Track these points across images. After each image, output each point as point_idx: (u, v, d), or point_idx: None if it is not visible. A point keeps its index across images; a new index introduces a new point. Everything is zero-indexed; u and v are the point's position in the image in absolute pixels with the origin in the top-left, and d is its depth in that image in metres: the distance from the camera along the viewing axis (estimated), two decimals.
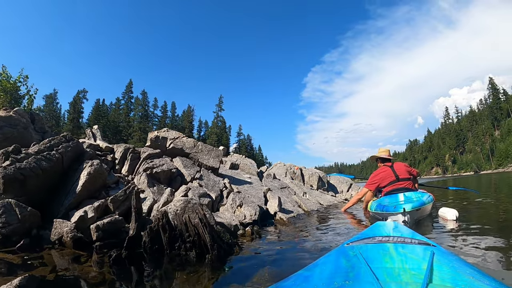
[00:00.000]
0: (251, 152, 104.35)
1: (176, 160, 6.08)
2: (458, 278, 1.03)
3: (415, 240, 1.53)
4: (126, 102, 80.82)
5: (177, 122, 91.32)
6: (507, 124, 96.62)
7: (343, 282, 1.06)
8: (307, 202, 7.12)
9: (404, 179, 5.18)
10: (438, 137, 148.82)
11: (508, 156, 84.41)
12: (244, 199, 4.95)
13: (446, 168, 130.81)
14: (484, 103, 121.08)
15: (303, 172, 9.99)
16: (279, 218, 5.21)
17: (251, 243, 3.59)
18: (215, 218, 3.98)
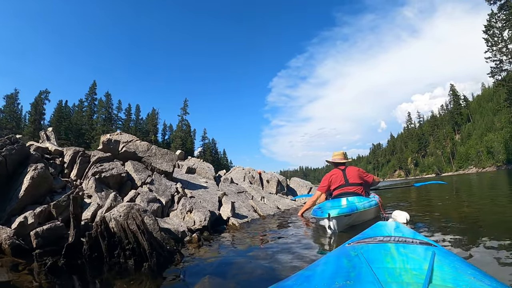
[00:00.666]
0: (216, 156, 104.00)
1: (127, 164, 5.88)
2: (459, 278, 1.03)
3: (416, 240, 1.52)
4: (89, 104, 78.45)
5: (141, 126, 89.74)
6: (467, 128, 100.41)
7: (344, 282, 1.05)
8: (264, 206, 7.07)
9: (354, 183, 5.22)
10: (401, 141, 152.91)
11: (468, 159, 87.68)
12: (195, 204, 4.81)
13: (408, 170, 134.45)
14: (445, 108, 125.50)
15: (262, 176, 9.93)
16: (231, 223, 5.12)
17: (197, 250, 3.47)
18: (159, 224, 3.85)
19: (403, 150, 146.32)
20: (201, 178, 7.82)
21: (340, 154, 5.83)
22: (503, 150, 59.95)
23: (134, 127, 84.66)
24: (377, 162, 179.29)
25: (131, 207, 3.50)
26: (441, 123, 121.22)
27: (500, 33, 49.99)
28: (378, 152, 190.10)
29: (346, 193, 5.12)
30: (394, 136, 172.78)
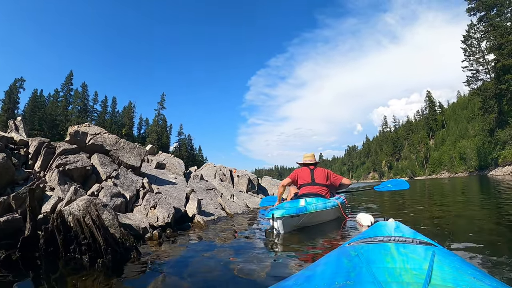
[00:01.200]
0: (191, 152, 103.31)
1: (93, 157, 5.75)
2: (460, 278, 1.02)
3: (417, 240, 1.50)
4: (65, 94, 76.55)
5: (117, 119, 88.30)
6: (441, 134, 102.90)
7: (344, 282, 1.04)
8: (233, 205, 7.05)
9: (320, 184, 5.32)
10: (376, 144, 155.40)
11: (441, 164, 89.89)
12: (159, 200, 4.74)
13: (382, 173, 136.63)
14: (420, 114, 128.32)
15: (233, 174, 9.91)
16: (197, 221, 5.07)
17: (157, 248, 3.41)
18: (121, 220, 3.80)
19: (378, 153, 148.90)
20: (171, 174, 7.73)
21: (310, 156, 5.92)
22: (475, 157, 61.50)
23: (109, 120, 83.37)
24: (352, 164, 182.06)
25: (91, 201, 3.43)
26: (416, 128, 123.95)
27: (478, 43, 51.47)
28: (353, 154, 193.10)
29: (310, 193, 5.15)
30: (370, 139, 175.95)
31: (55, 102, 74.64)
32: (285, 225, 4.04)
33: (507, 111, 45.67)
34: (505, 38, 42.45)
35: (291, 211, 4.14)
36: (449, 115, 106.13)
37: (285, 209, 4.15)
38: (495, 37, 44.22)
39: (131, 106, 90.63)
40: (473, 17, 50.23)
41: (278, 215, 3.97)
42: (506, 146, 43.76)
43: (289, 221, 4.10)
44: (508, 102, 45.40)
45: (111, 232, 3.08)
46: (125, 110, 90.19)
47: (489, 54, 48.01)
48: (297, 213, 4.20)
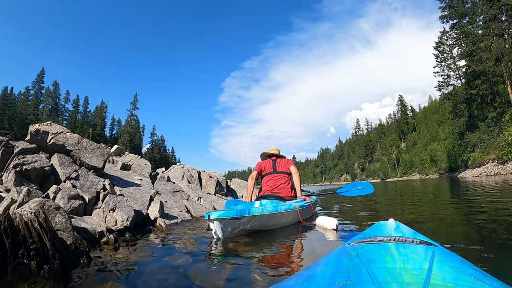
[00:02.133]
0: (164, 154, 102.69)
1: (53, 157, 5.56)
2: (460, 278, 1.02)
3: (417, 240, 1.51)
4: (36, 92, 74.87)
5: (89, 118, 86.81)
6: (412, 137, 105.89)
7: (344, 282, 1.04)
8: (199, 207, 6.96)
9: (281, 172, 5.50)
10: (349, 147, 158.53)
11: (412, 166, 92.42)
12: (119, 203, 4.60)
13: (355, 175, 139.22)
14: (392, 117, 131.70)
15: (201, 176, 9.80)
16: (158, 224, 4.97)
17: (111, 253, 3.29)
18: (77, 223, 3.69)
19: (351, 155, 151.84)
20: (136, 176, 7.58)
21: (275, 149, 6.06)
22: (446, 159, 63.54)
23: (81, 120, 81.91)
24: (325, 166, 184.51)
25: (43, 204, 3.31)
26: (388, 131, 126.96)
27: (450, 50, 53.74)
28: (326, 156, 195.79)
29: (270, 196, 5.19)
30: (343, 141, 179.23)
31: (26, 100, 72.99)
32: (223, 229, 3.84)
33: (477, 115, 47.59)
34: (476, 45, 44.28)
35: (230, 213, 3.90)
36: (421, 118, 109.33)
37: (224, 211, 4.01)
38: (466, 44, 46.01)
39: (104, 106, 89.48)
40: (446, 24, 52.61)
41: (214, 216, 3.78)
42: (476, 149, 45.33)
43: (228, 224, 3.88)
44: (478, 107, 47.35)
45: (59, 237, 2.97)
46: (97, 110, 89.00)
47: (460, 60, 50.26)
48: (238, 216, 3.94)
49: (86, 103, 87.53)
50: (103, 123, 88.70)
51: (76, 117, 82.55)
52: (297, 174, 5.62)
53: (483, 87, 44.61)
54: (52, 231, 2.82)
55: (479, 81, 44.81)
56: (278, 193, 5.39)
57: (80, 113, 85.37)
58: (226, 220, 3.85)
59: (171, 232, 4.63)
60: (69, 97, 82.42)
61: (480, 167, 42.79)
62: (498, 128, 42.02)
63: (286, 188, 5.49)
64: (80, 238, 3.28)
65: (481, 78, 44.47)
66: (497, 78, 43.40)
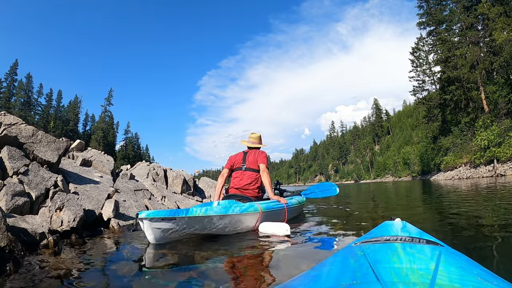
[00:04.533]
0: (138, 152, 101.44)
1: (3, 150, 5.15)
2: (466, 279, 0.99)
3: (423, 239, 1.48)
4: (8, 85, 72.57)
5: (62, 113, 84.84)
6: (386, 140, 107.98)
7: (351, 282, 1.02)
8: (161, 207, 6.67)
9: (249, 169, 5.06)
10: (323, 148, 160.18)
11: (385, 168, 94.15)
12: (68, 201, 4.25)
13: (329, 176, 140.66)
14: (367, 120, 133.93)
15: (167, 174, 9.46)
16: (111, 225, 4.65)
17: (48, 258, 2.96)
18: (12, 223, 3.37)
19: (325, 156, 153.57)
20: (96, 172, 7.21)
21: (255, 137, 5.76)
22: (418, 162, 65.24)
23: (54, 114, 79.95)
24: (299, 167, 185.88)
25: None
26: (362, 134, 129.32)
27: (426, 56, 55.44)
28: (300, 157, 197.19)
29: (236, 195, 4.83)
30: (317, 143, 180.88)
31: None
32: (154, 231, 3.39)
33: (450, 120, 48.97)
34: (452, 52, 45.40)
35: (163, 213, 3.40)
36: (395, 122, 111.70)
37: (157, 210, 3.48)
38: (442, 51, 47.25)
39: (77, 100, 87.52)
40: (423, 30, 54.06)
41: (144, 215, 3.28)
42: (449, 152, 46.41)
43: (160, 225, 3.39)
44: (451, 112, 48.75)
45: None
46: (70, 105, 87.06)
47: (435, 66, 51.54)
48: (172, 216, 3.43)
49: (59, 97, 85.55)
50: (77, 118, 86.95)
51: (49, 112, 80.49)
52: (265, 172, 5.00)
53: (457, 93, 45.78)
54: None
55: (453, 87, 45.98)
56: (244, 193, 4.91)
57: (53, 107, 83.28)
58: (157, 221, 3.38)
59: (125, 234, 4.33)
60: (42, 90, 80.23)
61: (453, 170, 43.74)
62: (471, 133, 43.20)
63: (252, 188, 5.00)
64: (14, 240, 2.98)
65: (456, 84, 45.62)
66: (471, 85, 44.65)
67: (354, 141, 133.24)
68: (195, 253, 3.24)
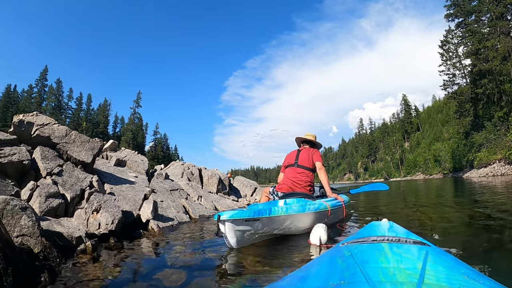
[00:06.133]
0: (167, 152, 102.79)
1: (36, 150, 4.95)
2: (453, 278, 1.03)
3: (410, 239, 1.52)
4: (39, 90, 74.93)
5: (92, 116, 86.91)
6: (416, 137, 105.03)
7: (338, 282, 1.04)
8: (198, 207, 6.36)
9: (302, 166, 4.73)
10: (352, 146, 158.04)
11: (416, 166, 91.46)
12: (105, 202, 3.96)
13: (358, 174, 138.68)
14: (396, 117, 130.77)
15: (202, 173, 9.18)
16: (150, 227, 4.32)
17: (85, 266, 2.64)
18: (47, 227, 3.09)
19: (354, 154, 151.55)
20: (131, 172, 6.97)
21: (310, 135, 5.43)
22: (450, 159, 62.87)
23: (84, 118, 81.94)
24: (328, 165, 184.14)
25: (7, 203, 2.72)
26: (391, 131, 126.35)
27: (455, 49, 53.09)
28: (329, 156, 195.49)
29: (294, 193, 4.45)
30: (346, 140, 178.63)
31: (29, 98, 73.20)
32: (238, 234, 3.06)
33: (483, 115, 46.82)
34: (482, 43, 43.51)
35: (246, 213, 3.09)
36: (424, 118, 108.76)
37: (238, 211, 3.14)
38: (472, 43, 45.33)
39: (107, 103, 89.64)
40: (451, 23, 51.89)
41: (226, 217, 2.94)
42: (482, 148, 44.51)
43: (242, 227, 3.09)
44: (483, 106, 46.65)
45: (20, 246, 2.38)
46: (100, 108, 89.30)
47: (466, 59, 49.34)
48: (256, 216, 3.15)
49: (89, 101, 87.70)
50: (106, 121, 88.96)
51: (79, 115, 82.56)
52: (322, 169, 4.78)
53: (490, 86, 43.80)
54: (4, 238, 2.20)
55: (485, 80, 44.06)
56: (297, 190, 4.62)
57: (83, 110, 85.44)
58: (240, 223, 3.06)
59: (165, 237, 4.01)
60: (72, 94, 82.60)
61: (486, 167, 41.93)
62: (505, 128, 41.32)
63: (304, 186, 4.68)
64: (49, 246, 2.68)
65: (488, 77, 43.69)
66: (503, 77, 42.60)
67: (383, 138, 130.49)
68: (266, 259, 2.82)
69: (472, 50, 45.50)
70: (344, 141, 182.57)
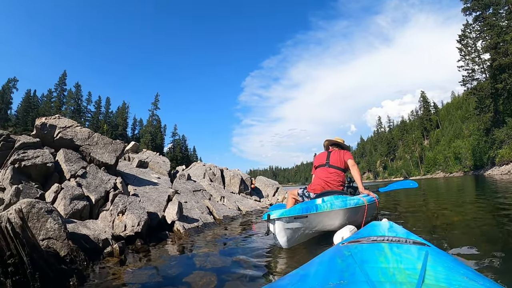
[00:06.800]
0: (186, 153, 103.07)
1: (59, 153, 4.92)
2: (452, 278, 1.02)
3: (410, 240, 1.50)
4: (59, 94, 76.22)
5: (111, 119, 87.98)
6: (435, 134, 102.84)
7: (338, 281, 1.05)
8: (222, 208, 6.26)
9: (333, 166, 4.64)
10: (371, 144, 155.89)
11: (436, 164, 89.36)
12: (130, 204, 3.89)
13: (377, 173, 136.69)
14: (415, 114, 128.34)
15: (224, 174, 9.09)
16: (176, 229, 4.22)
17: (112, 269, 2.56)
18: (73, 229, 3.01)
19: (373, 153, 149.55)
20: (153, 174, 6.91)
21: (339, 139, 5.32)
22: (470, 157, 61.23)
23: (103, 120, 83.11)
24: None
25: (32, 206, 2.65)
26: (410, 128, 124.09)
27: (474, 43, 51.31)
28: None
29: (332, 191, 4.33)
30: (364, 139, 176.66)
31: (49, 102, 74.25)
32: (287, 231, 2.93)
33: (503, 111, 45.41)
34: (501, 37, 42.23)
35: (294, 211, 2.99)
36: (444, 115, 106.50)
37: (287, 209, 3.05)
38: (491, 37, 44.02)
39: (125, 106, 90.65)
40: (469, 16, 50.04)
41: (276, 215, 2.83)
42: (504, 145, 43.24)
43: (291, 225, 2.97)
44: (504, 101, 45.13)
45: (46, 249, 2.29)
46: (119, 111, 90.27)
47: (485, 53, 47.87)
48: (303, 213, 3.04)
49: (108, 104, 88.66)
50: (125, 123, 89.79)
51: (99, 118, 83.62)
52: (354, 166, 4.73)
53: (510, 80, 42.49)
54: (31, 242, 2.12)
55: (505, 74, 42.66)
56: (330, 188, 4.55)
57: (102, 113, 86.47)
58: (289, 220, 2.94)
59: (191, 239, 3.91)
60: (91, 98, 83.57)
61: (509, 164, 40.59)
62: None
63: (336, 185, 4.61)
64: (76, 249, 2.60)
65: (507, 71, 42.41)
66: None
67: (402, 136, 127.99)
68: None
69: (491, 44, 44.21)
70: (363, 139, 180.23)
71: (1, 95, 64.04)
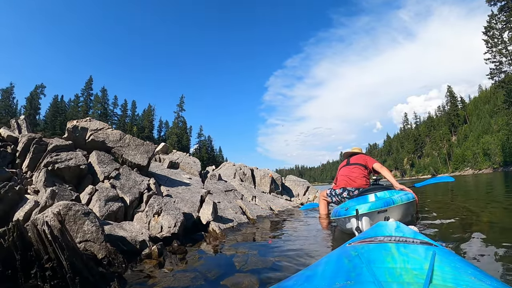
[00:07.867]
0: (212, 154, 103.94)
1: (92, 155, 4.90)
2: (460, 278, 1.02)
3: (417, 240, 1.47)
4: (85, 99, 78.40)
5: (137, 122, 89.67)
6: (463, 130, 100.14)
7: (344, 282, 1.05)
8: (255, 208, 6.15)
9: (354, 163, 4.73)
10: (397, 142, 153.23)
11: (464, 160, 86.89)
12: (165, 205, 3.80)
13: (404, 171, 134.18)
14: (442, 110, 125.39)
15: (254, 173, 8.98)
16: (212, 229, 4.11)
17: (154, 271, 2.46)
18: (110, 231, 2.93)
19: (399, 150, 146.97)
20: (184, 174, 6.86)
21: (356, 149, 5.35)
22: (500, 152, 59.46)
23: (129, 123, 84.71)
24: None
25: (69, 208, 2.58)
26: (437, 124, 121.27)
27: (500, 34, 49.46)
28: (374, 152, 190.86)
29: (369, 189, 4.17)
30: (390, 136, 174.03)
31: (76, 107, 76.30)
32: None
33: None
34: None
35: (379, 204, 3.06)
36: (471, 110, 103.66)
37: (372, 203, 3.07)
38: None
39: (151, 109, 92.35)
40: (494, 7, 48.17)
41: (364, 210, 2.84)
42: None
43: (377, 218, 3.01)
44: None
45: (84, 252, 2.21)
46: (144, 113, 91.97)
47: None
48: (385, 206, 3.10)
49: (134, 107, 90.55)
50: (151, 125, 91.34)
51: (125, 121, 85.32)
52: (383, 167, 4.71)
53: None
54: (70, 246, 2.03)
55: None
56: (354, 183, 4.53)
57: (128, 116, 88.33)
58: (375, 214, 2.98)
59: (228, 239, 3.79)
60: (117, 102, 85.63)
61: None
62: None
63: (362, 179, 4.57)
64: (114, 251, 2.51)
65: None
66: None
67: (429, 132, 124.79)
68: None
69: None
70: (389, 136, 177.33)
71: (29, 101, 65.99)
